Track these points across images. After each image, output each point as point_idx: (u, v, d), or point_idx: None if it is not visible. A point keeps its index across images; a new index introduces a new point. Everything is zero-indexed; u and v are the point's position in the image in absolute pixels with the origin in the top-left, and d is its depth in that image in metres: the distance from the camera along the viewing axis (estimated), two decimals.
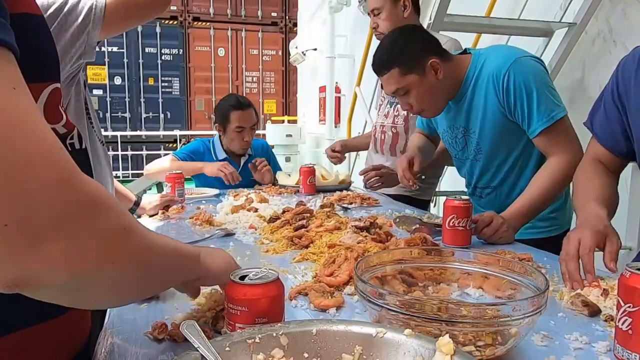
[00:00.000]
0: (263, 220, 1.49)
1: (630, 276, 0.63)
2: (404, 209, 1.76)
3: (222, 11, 11.93)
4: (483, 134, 1.48)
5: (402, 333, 0.55)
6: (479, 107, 1.44)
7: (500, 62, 1.38)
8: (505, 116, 1.41)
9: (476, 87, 1.44)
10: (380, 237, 1.17)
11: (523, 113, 1.36)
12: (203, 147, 2.41)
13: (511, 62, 1.36)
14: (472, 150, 1.54)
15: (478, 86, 1.43)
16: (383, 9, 2.02)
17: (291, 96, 12.28)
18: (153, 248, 0.52)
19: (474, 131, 1.50)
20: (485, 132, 1.47)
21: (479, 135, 1.49)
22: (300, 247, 1.20)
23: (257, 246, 1.24)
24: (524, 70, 1.35)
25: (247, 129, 2.32)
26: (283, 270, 1.02)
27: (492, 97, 1.40)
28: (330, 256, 0.99)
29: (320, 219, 1.38)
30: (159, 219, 1.60)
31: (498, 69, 1.37)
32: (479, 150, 1.52)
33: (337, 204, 1.76)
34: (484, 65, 1.42)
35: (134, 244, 0.48)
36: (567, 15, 2.74)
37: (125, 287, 0.51)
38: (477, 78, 1.43)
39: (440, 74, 1.42)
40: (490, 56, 1.43)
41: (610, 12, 2.65)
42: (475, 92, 1.45)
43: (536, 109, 1.34)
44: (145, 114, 11.27)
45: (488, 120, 1.44)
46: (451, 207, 1.24)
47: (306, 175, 2.04)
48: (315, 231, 1.28)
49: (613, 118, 1.09)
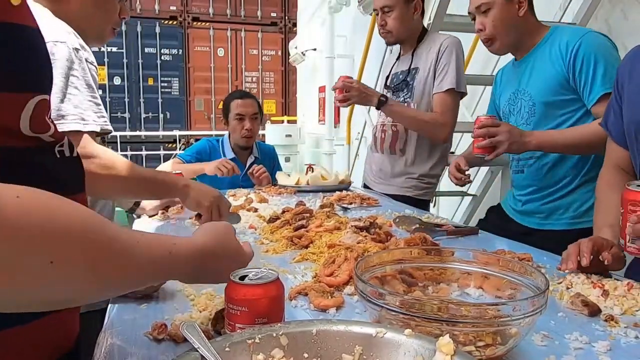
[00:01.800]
0: (263, 220, 1.49)
1: None
2: (404, 209, 1.76)
3: (221, 11, 11.93)
4: (539, 95, 1.53)
5: (402, 333, 0.55)
6: (543, 70, 1.52)
7: (573, 32, 1.48)
8: (566, 84, 1.47)
9: (544, 54, 1.52)
10: (380, 237, 1.16)
11: (587, 78, 1.41)
12: (209, 145, 2.44)
13: (584, 33, 1.45)
14: (525, 113, 1.58)
15: (546, 53, 1.51)
16: (395, 8, 2.02)
17: (291, 96, 12.28)
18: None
19: (531, 93, 1.55)
20: (542, 93, 1.52)
21: (535, 96, 1.55)
22: (300, 247, 1.20)
23: (257, 246, 1.24)
24: (595, 42, 1.43)
25: (247, 117, 2.36)
26: (283, 270, 1.02)
27: (558, 62, 1.47)
28: (330, 256, 0.99)
29: (320, 219, 1.38)
30: (159, 219, 1.60)
31: (570, 37, 1.47)
32: (531, 113, 1.56)
33: (337, 204, 1.76)
34: (557, 37, 1.50)
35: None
36: (567, 15, 2.74)
37: None
38: (548, 47, 1.51)
39: (522, 12, 1.52)
40: (565, 30, 1.53)
41: (610, 12, 2.66)
42: (542, 58, 1.53)
43: (601, 76, 1.39)
44: (145, 114, 11.26)
45: (548, 83, 1.50)
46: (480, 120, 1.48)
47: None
48: (315, 231, 1.28)
49: (619, 115, 1.14)
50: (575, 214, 1.51)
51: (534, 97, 1.55)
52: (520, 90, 1.60)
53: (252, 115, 2.39)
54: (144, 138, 10.27)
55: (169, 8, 11.44)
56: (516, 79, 1.63)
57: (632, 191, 0.90)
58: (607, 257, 0.91)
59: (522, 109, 1.59)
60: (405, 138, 2.09)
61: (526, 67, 1.58)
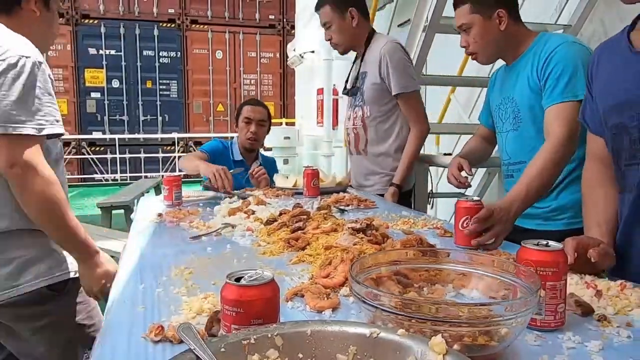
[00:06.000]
0: (260, 222, 1.49)
1: None
2: (401, 210, 1.77)
3: (219, 14, 11.95)
4: (522, 102, 1.55)
5: (395, 333, 0.55)
6: (525, 77, 1.53)
7: (553, 40, 1.49)
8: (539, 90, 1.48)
9: (527, 61, 1.54)
10: (377, 239, 1.17)
11: (549, 85, 1.43)
12: (222, 146, 2.53)
13: (561, 42, 1.47)
14: (512, 120, 1.61)
15: (530, 60, 1.53)
16: (333, 23, 2.18)
17: (289, 98, 12.29)
18: None
19: (516, 99, 1.58)
20: (524, 99, 1.54)
21: (519, 103, 1.57)
22: (297, 249, 1.21)
23: (254, 248, 1.25)
24: (568, 51, 1.44)
25: (254, 122, 2.49)
26: (280, 272, 1.02)
27: (534, 69, 1.50)
28: (327, 258, 0.99)
29: (317, 221, 1.39)
30: (155, 222, 1.60)
31: (549, 44, 1.49)
32: (517, 119, 1.58)
33: (334, 206, 1.77)
34: (540, 45, 1.52)
35: None
36: (563, 16, 2.76)
37: None
38: (532, 54, 1.53)
39: (503, 26, 1.53)
40: (550, 38, 1.54)
41: (605, 13, 2.67)
42: (525, 65, 1.54)
43: (563, 84, 1.41)
44: (143, 116, 11.28)
45: (528, 89, 1.52)
46: (463, 208, 1.25)
47: (310, 177, 2.04)
48: (312, 233, 1.28)
49: (595, 108, 1.17)
50: (573, 214, 1.51)
51: (518, 103, 1.57)
52: (508, 97, 1.62)
53: (259, 121, 2.50)
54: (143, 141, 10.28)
55: (167, 11, 11.47)
56: (505, 85, 1.65)
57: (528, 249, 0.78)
58: (594, 254, 0.92)
59: (509, 116, 1.61)
60: (366, 138, 2.21)
61: (513, 73, 1.60)
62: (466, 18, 1.57)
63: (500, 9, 1.53)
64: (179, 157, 10.97)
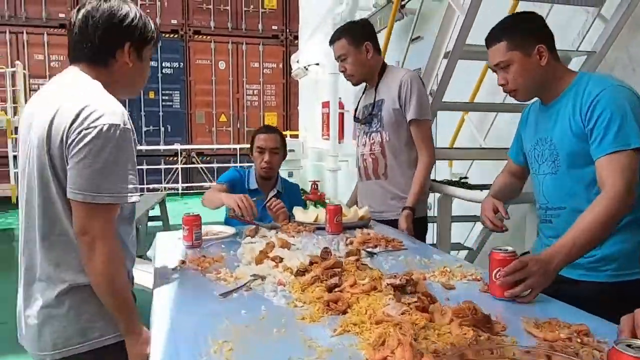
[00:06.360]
0: (290, 272, 1.42)
1: None
2: (432, 253, 1.70)
3: (222, 24, 11.94)
4: (562, 146, 1.48)
5: None
6: (566, 119, 1.47)
7: (596, 83, 1.43)
8: (584, 135, 1.41)
9: (568, 102, 1.48)
10: (424, 304, 1.10)
11: (598, 134, 1.36)
12: (238, 175, 2.49)
13: (606, 86, 1.39)
14: (550, 163, 1.53)
15: (570, 102, 1.47)
16: (349, 55, 2.23)
17: (292, 109, 12.25)
18: None
19: (555, 142, 1.51)
20: (564, 144, 1.47)
21: (558, 146, 1.50)
22: (337, 312, 1.13)
23: (291, 310, 1.17)
24: (616, 96, 1.37)
25: (267, 150, 2.43)
26: (326, 348, 0.95)
27: (577, 113, 1.43)
28: (380, 335, 0.92)
29: (353, 275, 1.31)
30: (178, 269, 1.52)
31: (592, 87, 1.42)
32: (556, 163, 1.51)
33: (362, 249, 1.69)
34: (582, 86, 1.45)
35: None
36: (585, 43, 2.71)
37: None
38: (572, 95, 1.47)
39: (544, 61, 1.49)
40: (591, 79, 1.47)
41: (629, 39, 2.62)
42: (566, 106, 1.48)
43: (613, 134, 1.34)
44: (146, 127, 11.22)
45: (570, 133, 1.45)
46: (497, 260, 1.25)
47: (332, 214, 1.98)
48: (350, 292, 1.21)
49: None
50: (619, 265, 1.43)
51: (557, 147, 1.50)
52: (545, 139, 1.55)
53: (272, 149, 2.44)
54: (145, 152, 10.20)
55: (170, 21, 11.44)
56: (542, 124, 1.58)
57: None
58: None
59: (547, 159, 1.55)
60: (385, 163, 2.25)
61: (552, 114, 1.53)
62: (504, 56, 1.51)
63: (540, 44, 1.48)
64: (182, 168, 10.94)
